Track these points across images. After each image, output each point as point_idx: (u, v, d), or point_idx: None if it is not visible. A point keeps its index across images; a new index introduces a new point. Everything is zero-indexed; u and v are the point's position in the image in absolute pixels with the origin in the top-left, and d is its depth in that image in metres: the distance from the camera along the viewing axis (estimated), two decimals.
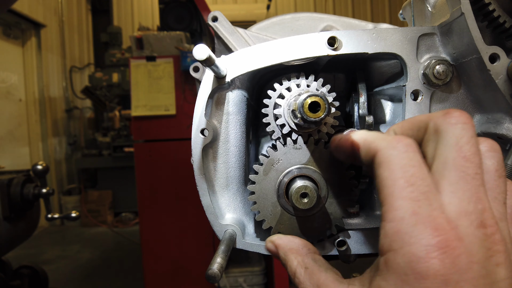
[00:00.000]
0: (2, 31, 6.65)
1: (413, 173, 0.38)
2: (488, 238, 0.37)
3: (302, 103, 0.53)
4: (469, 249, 0.36)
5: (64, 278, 4.85)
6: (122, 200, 7.45)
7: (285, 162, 0.62)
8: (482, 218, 0.37)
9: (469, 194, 0.38)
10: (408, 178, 0.38)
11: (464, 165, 0.39)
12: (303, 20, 0.83)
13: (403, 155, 0.40)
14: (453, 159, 0.39)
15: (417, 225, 0.36)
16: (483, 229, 0.37)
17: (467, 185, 0.38)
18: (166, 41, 3.93)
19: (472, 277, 0.35)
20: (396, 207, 0.38)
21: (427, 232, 0.36)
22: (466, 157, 0.39)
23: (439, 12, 0.69)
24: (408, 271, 0.36)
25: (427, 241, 0.35)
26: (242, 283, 3.46)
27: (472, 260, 0.36)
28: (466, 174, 0.38)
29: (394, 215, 0.38)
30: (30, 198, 1.69)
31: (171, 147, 3.66)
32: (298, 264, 0.51)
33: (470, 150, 0.39)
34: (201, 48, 0.52)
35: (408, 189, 0.38)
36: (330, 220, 0.63)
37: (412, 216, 0.37)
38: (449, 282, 0.35)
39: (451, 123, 0.41)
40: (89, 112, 8.79)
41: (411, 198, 0.37)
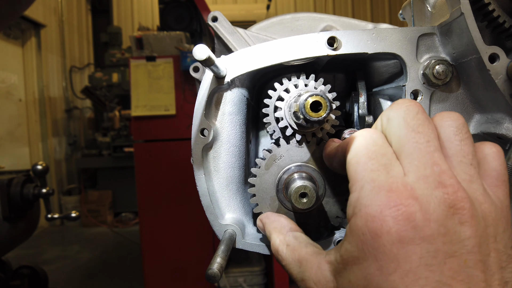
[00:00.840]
0: (2, 31, 6.65)
1: (374, 150, 0.41)
2: (448, 197, 0.37)
3: (304, 102, 0.53)
4: (425, 207, 0.36)
5: (64, 278, 4.85)
6: (122, 200, 7.45)
7: (287, 158, 0.63)
8: (440, 179, 0.38)
9: (424, 160, 0.39)
10: (369, 154, 0.41)
11: (414, 137, 0.40)
12: (303, 20, 0.84)
13: (368, 138, 0.43)
14: (404, 134, 0.41)
15: (373, 189, 0.38)
16: (442, 188, 0.37)
17: (420, 153, 0.39)
18: (166, 41, 3.93)
19: (429, 234, 0.35)
20: (358, 179, 0.41)
21: (381, 193, 0.38)
22: (414, 130, 0.41)
23: (438, 12, 0.69)
24: (365, 231, 0.37)
25: (381, 201, 0.37)
26: (242, 283, 3.46)
27: (428, 217, 0.36)
28: (419, 144, 0.40)
29: (356, 186, 0.41)
30: (30, 198, 1.69)
31: (171, 147, 3.66)
32: (280, 242, 0.54)
33: (416, 123, 0.41)
34: (201, 48, 0.52)
35: (369, 163, 0.41)
36: (326, 218, 0.64)
37: (370, 183, 0.39)
38: (403, 239, 0.35)
39: (396, 108, 0.44)
40: (89, 112, 8.79)
41: (371, 169, 0.40)
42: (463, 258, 0.35)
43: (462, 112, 0.63)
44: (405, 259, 0.35)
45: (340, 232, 0.65)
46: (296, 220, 0.64)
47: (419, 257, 0.35)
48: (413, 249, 0.35)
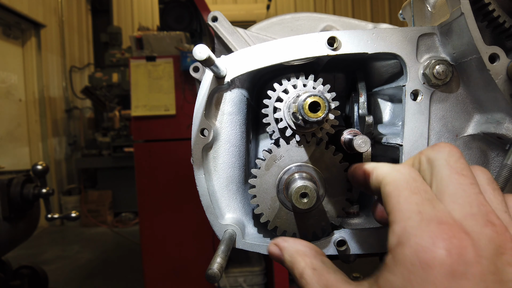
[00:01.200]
0: (2, 31, 6.65)
1: (416, 186, 0.42)
2: (498, 236, 0.37)
3: (302, 103, 0.53)
4: (477, 243, 0.36)
5: (64, 278, 4.85)
6: (122, 200, 7.44)
7: (287, 159, 0.63)
8: (488, 218, 0.38)
9: (469, 200, 0.39)
10: (412, 189, 0.41)
11: (458, 178, 0.41)
12: (303, 20, 0.84)
13: (407, 175, 0.44)
14: (447, 175, 0.42)
15: (422, 221, 0.38)
16: (491, 226, 0.37)
17: (466, 193, 0.40)
18: (166, 41, 3.93)
19: (480, 271, 0.35)
20: (402, 210, 0.40)
21: (432, 226, 0.37)
22: (458, 172, 0.42)
23: (439, 12, 0.69)
24: (415, 261, 0.36)
25: (433, 233, 0.36)
26: (242, 283, 3.46)
27: (480, 254, 0.36)
28: (463, 185, 0.41)
29: (401, 217, 0.40)
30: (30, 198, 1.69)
31: (171, 147, 3.66)
32: (306, 265, 0.51)
33: (460, 166, 0.43)
34: (201, 48, 0.52)
35: (413, 197, 0.40)
36: (326, 218, 0.64)
37: (418, 215, 0.38)
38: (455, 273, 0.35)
39: (439, 151, 0.45)
40: (89, 112, 8.79)
41: (416, 203, 0.40)
42: None
43: (462, 112, 0.63)
44: None
45: (340, 232, 0.65)
46: (296, 221, 0.64)
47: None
48: (465, 284, 0.35)
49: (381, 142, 0.71)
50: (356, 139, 0.57)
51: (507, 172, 0.57)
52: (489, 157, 0.64)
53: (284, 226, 0.64)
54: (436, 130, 0.63)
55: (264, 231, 0.69)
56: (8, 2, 6.30)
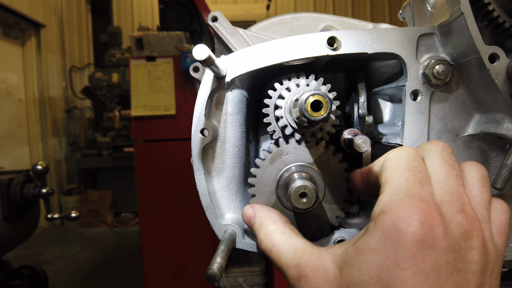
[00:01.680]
0: (2, 31, 6.65)
1: (414, 165, 0.46)
2: (467, 223, 0.43)
3: (305, 101, 0.53)
4: (447, 224, 0.42)
5: (64, 278, 4.85)
6: (122, 200, 7.45)
7: (293, 156, 0.63)
8: (463, 207, 0.44)
9: (451, 189, 0.45)
10: (409, 167, 0.46)
11: (447, 168, 0.47)
12: (303, 20, 0.84)
13: (409, 153, 0.48)
14: (438, 163, 0.47)
15: (407, 195, 0.43)
16: (462, 214, 0.43)
17: (450, 182, 0.45)
18: (166, 41, 3.93)
19: (445, 247, 0.40)
20: (393, 183, 0.45)
21: (414, 201, 0.42)
22: (448, 163, 0.47)
23: (438, 12, 0.69)
24: (392, 227, 0.41)
25: (412, 206, 0.42)
26: (242, 283, 3.46)
27: (448, 233, 0.41)
28: (450, 175, 0.46)
29: (390, 189, 0.44)
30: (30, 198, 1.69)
31: (171, 147, 3.66)
32: (274, 228, 0.54)
33: (451, 159, 0.48)
34: (201, 48, 0.52)
35: (407, 173, 0.45)
36: (326, 218, 0.64)
37: (405, 190, 0.43)
38: (424, 243, 0.40)
39: (435, 144, 0.50)
40: (89, 112, 8.79)
41: (407, 179, 0.44)
42: (467, 277, 0.41)
43: (462, 112, 0.63)
44: (421, 260, 0.40)
45: (340, 232, 0.65)
46: (295, 219, 0.64)
47: (433, 262, 0.40)
48: (430, 254, 0.40)
49: (381, 142, 0.71)
50: (356, 139, 0.57)
51: (507, 172, 0.57)
52: (489, 157, 0.64)
53: None
54: (436, 130, 0.63)
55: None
56: (8, 2, 6.30)
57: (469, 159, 0.64)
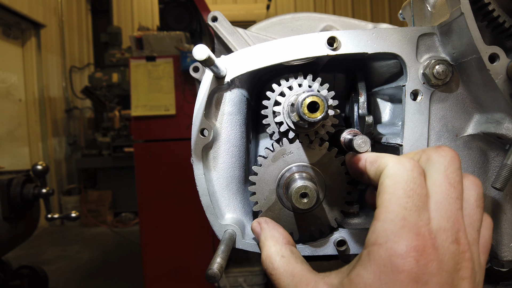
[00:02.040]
0: (2, 31, 6.65)
1: (413, 188, 0.44)
2: (459, 254, 0.43)
3: (301, 103, 0.53)
4: (441, 258, 0.42)
5: (64, 278, 4.85)
6: (122, 200, 7.44)
7: (296, 156, 0.63)
8: (457, 236, 0.44)
9: (449, 214, 0.44)
10: (407, 191, 0.44)
11: (449, 190, 0.45)
12: (303, 20, 0.84)
13: (409, 172, 0.46)
14: (440, 183, 0.46)
15: (403, 228, 0.42)
16: (456, 245, 0.43)
17: (449, 206, 0.44)
18: (166, 41, 3.93)
19: (439, 282, 0.41)
20: (390, 211, 0.43)
21: (410, 235, 0.41)
22: (451, 183, 0.46)
23: (438, 12, 0.69)
24: (387, 263, 0.41)
25: (408, 242, 0.41)
26: (242, 283, 3.46)
27: (442, 267, 0.41)
28: (450, 197, 0.45)
29: (386, 216, 0.43)
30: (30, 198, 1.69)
31: (171, 147, 3.66)
32: (275, 250, 0.54)
33: (455, 178, 0.46)
34: (200, 48, 0.52)
35: (405, 199, 0.44)
36: (326, 218, 0.64)
37: (401, 221, 0.42)
38: (419, 280, 0.40)
39: (441, 155, 0.47)
40: (89, 112, 8.79)
41: (405, 207, 0.43)
42: None
43: (462, 111, 0.63)
44: None
45: (340, 232, 0.65)
46: (295, 219, 0.64)
47: None
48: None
49: (381, 142, 0.71)
50: (356, 139, 0.57)
51: (507, 172, 0.57)
52: (489, 157, 0.64)
53: (283, 224, 0.64)
54: (436, 130, 0.63)
55: None
56: (8, 2, 6.30)
57: (469, 159, 0.64)
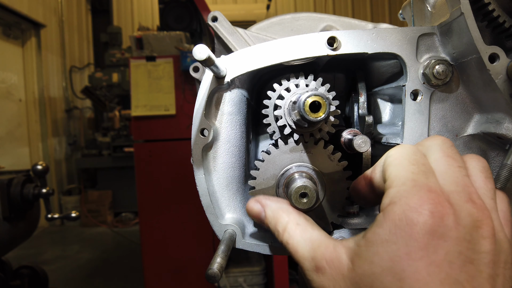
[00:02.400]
0: (2, 31, 6.65)
1: (415, 158, 0.46)
2: (476, 212, 0.42)
3: (303, 103, 0.53)
4: (457, 213, 0.41)
5: (64, 278, 4.85)
6: (122, 200, 7.44)
7: (294, 156, 0.63)
8: (470, 196, 0.43)
9: (456, 180, 0.45)
10: (411, 161, 0.45)
11: (448, 160, 0.46)
12: (303, 20, 0.84)
13: (409, 149, 0.48)
14: (440, 157, 0.47)
15: (415, 186, 0.42)
16: (471, 203, 0.42)
17: (454, 174, 0.45)
18: (166, 41, 3.93)
19: (457, 236, 0.40)
20: (399, 177, 0.44)
21: (422, 191, 0.42)
22: (449, 155, 0.47)
23: (438, 12, 0.69)
24: (402, 217, 0.41)
25: (422, 197, 0.41)
26: (242, 283, 3.46)
27: (459, 222, 0.41)
28: (452, 166, 0.46)
29: (397, 182, 0.44)
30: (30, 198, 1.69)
31: (171, 147, 3.66)
32: (289, 220, 0.53)
33: (451, 151, 0.48)
34: (201, 48, 0.52)
35: (411, 167, 0.45)
36: (326, 217, 0.64)
37: (412, 182, 0.43)
38: (435, 233, 0.40)
39: (434, 138, 0.50)
40: (89, 112, 8.79)
41: (412, 172, 0.44)
42: (480, 268, 0.40)
43: (462, 111, 0.63)
44: (433, 250, 0.39)
45: (340, 232, 0.65)
46: None
47: (445, 253, 0.39)
48: (442, 244, 0.39)
49: (381, 142, 0.71)
50: (356, 139, 0.57)
51: (507, 172, 0.57)
52: (489, 157, 0.64)
53: None
54: (436, 130, 0.63)
55: (264, 231, 0.69)
56: (8, 2, 6.30)
57: None
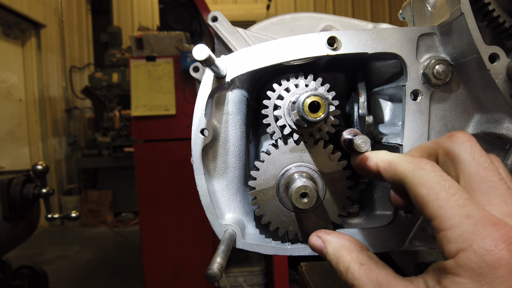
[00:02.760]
0: (2, 31, 6.65)
1: (450, 185, 0.43)
2: None
3: (302, 103, 0.53)
4: None
5: (64, 278, 4.85)
6: (122, 200, 7.44)
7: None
8: None
9: (503, 198, 0.42)
10: (447, 190, 0.43)
11: (488, 175, 0.43)
12: (303, 20, 0.83)
13: (434, 173, 0.44)
14: (476, 172, 0.44)
15: (476, 225, 0.40)
16: None
17: (498, 191, 0.43)
18: (166, 41, 3.93)
19: None
20: (449, 216, 0.42)
21: (488, 228, 0.40)
22: (486, 168, 0.44)
23: (439, 12, 0.69)
24: (482, 264, 0.39)
25: (492, 236, 0.39)
26: (242, 283, 3.46)
27: None
28: (494, 182, 0.43)
29: (452, 223, 0.41)
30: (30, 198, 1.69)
31: (171, 147, 3.66)
32: (352, 259, 0.50)
33: (486, 161, 0.44)
34: (201, 48, 0.52)
35: (452, 199, 0.42)
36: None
37: (468, 219, 0.41)
38: None
39: (459, 143, 0.46)
40: (89, 112, 8.79)
41: (459, 205, 0.42)
42: None
43: (462, 111, 0.63)
44: None
45: (340, 232, 0.65)
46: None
47: None
48: None
49: (381, 142, 0.71)
50: (356, 139, 0.57)
51: None
52: None
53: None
54: (436, 130, 0.63)
55: (264, 231, 0.69)
56: (8, 2, 6.30)
57: None
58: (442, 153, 0.48)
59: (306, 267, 1.71)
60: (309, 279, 1.59)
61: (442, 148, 0.48)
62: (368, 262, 0.50)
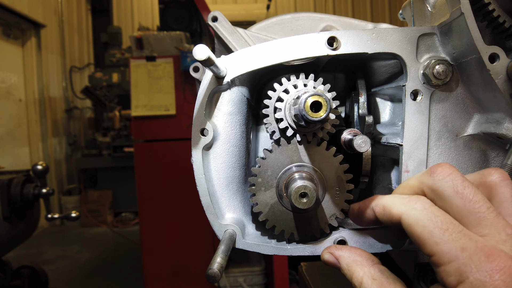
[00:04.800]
0: (2, 31, 6.65)
1: (441, 220, 0.45)
2: None
3: (304, 102, 0.53)
4: None
5: (64, 278, 4.85)
6: (122, 200, 7.45)
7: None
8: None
9: (494, 227, 0.44)
10: (440, 226, 0.44)
11: (475, 207, 0.45)
12: (303, 20, 0.84)
13: (425, 211, 0.46)
14: (463, 206, 0.45)
15: (471, 257, 0.42)
16: None
17: (488, 221, 0.44)
18: (166, 41, 3.93)
19: None
20: (446, 251, 0.43)
21: (482, 259, 0.41)
22: (472, 200, 0.45)
23: (439, 12, 0.69)
24: None
25: (486, 267, 0.41)
26: (242, 283, 3.46)
27: None
28: (482, 213, 0.44)
29: (449, 257, 0.43)
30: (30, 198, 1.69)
31: (171, 147, 3.66)
32: (364, 274, 0.53)
33: (470, 192, 0.45)
34: (201, 48, 0.52)
35: (446, 234, 0.44)
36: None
37: (464, 252, 0.42)
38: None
39: (440, 179, 0.48)
40: (89, 112, 8.79)
41: (453, 239, 0.43)
42: None
43: (462, 111, 0.63)
44: None
45: (340, 232, 0.65)
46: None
47: None
48: None
49: (381, 142, 0.71)
50: (356, 139, 0.57)
51: (507, 172, 0.57)
52: (489, 157, 0.64)
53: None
54: (436, 130, 0.63)
55: (264, 231, 0.69)
56: (8, 2, 6.30)
57: (469, 159, 0.64)
58: (428, 191, 0.49)
59: (306, 267, 1.71)
60: (309, 279, 1.59)
61: (426, 186, 0.50)
62: (380, 277, 0.52)
